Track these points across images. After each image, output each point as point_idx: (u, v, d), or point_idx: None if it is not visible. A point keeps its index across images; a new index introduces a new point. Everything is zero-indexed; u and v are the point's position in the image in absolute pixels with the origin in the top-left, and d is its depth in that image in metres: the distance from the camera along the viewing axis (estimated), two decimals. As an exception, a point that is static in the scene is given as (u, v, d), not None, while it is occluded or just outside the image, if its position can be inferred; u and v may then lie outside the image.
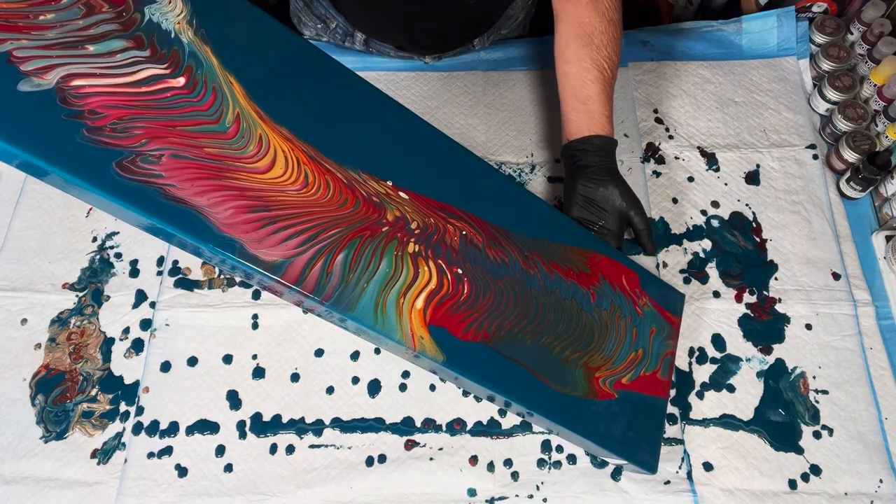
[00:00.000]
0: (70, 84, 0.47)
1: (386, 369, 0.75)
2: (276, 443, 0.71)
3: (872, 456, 0.71)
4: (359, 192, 0.57)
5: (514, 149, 0.89)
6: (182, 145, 0.50)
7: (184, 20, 0.53)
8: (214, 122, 0.52)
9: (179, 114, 0.51)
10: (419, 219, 0.60)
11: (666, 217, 0.84)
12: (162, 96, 0.50)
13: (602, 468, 0.70)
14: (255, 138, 0.54)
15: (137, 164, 0.48)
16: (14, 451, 0.71)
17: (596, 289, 0.68)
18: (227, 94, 0.53)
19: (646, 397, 0.67)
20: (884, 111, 0.86)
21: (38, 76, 0.46)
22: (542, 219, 0.69)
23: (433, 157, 0.65)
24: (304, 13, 0.93)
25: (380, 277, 0.56)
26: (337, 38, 0.94)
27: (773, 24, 0.94)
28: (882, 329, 0.77)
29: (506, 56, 0.96)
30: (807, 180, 0.86)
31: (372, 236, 0.57)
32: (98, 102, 0.48)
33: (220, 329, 0.77)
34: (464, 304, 0.59)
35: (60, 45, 0.47)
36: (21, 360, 0.75)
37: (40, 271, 0.80)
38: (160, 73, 0.51)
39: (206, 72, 0.53)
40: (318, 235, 0.54)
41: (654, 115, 0.91)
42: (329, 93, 0.60)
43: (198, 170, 0.50)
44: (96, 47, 0.49)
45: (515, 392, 0.60)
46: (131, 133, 0.48)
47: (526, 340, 0.62)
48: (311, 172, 0.56)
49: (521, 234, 0.66)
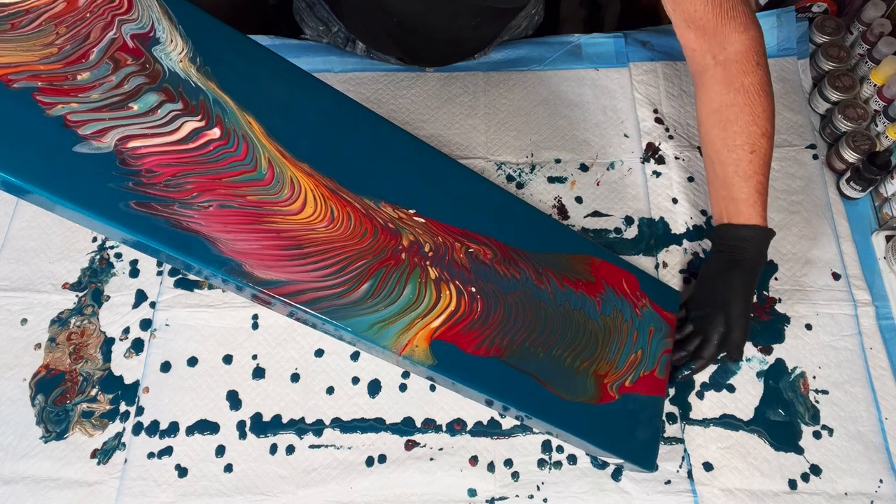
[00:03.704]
0: (127, 146, 0.50)
1: (386, 369, 0.75)
2: (276, 443, 0.71)
3: (872, 456, 0.71)
4: (376, 220, 0.60)
5: (514, 149, 0.89)
6: (228, 195, 0.54)
7: (185, 58, 0.55)
8: (252, 171, 0.55)
9: (222, 166, 0.54)
10: (430, 240, 0.62)
11: (666, 217, 0.84)
12: (205, 150, 0.54)
13: (603, 469, 0.70)
14: (287, 182, 0.56)
15: (176, 209, 0.52)
16: (14, 451, 0.71)
17: (602, 296, 0.69)
18: (255, 140, 0.56)
19: (645, 397, 0.67)
20: (884, 111, 0.86)
21: (95, 139, 0.49)
22: (548, 231, 0.71)
23: (448, 184, 0.67)
24: (306, 14, 0.93)
25: (402, 303, 0.58)
26: (338, 42, 0.94)
27: (772, 23, 0.94)
28: (882, 329, 0.77)
29: (506, 57, 0.96)
30: (807, 180, 0.86)
31: (396, 265, 0.59)
32: (154, 161, 0.51)
33: (220, 329, 0.77)
34: (477, 322, 0.61)
35: (108, 106, 0.50)
36: (21, 360, 0.75)
37: (40, 271, 0.80)
38: (198, 126, 0.54)
39: (230, 119, 0.55)
40: (345, 269, 0.57)
41: (654, 115, 0.91)
42: (338, 123, 0.62)
43: (243, 216, 0.54)
44: (138, 105, 0.52)
45: (518, 400, 0.61)
46: (183, 188, 0.52)
47: (538, 353, 0.63)
48: (336, 207, 0.58)
49: (534, 251, 0.67)
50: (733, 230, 0.70)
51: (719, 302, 0.69)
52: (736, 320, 0.68)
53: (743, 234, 0.69)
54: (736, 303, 0.68)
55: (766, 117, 0.68)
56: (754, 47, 0.68)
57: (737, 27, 0.67)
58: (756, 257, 0.69)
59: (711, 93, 0.69)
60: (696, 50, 0.70)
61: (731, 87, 0.67)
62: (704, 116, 0.71)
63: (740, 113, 0.67)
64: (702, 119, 0.72)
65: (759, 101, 0.67)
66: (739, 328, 0.68)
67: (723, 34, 0.67)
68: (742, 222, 0.69)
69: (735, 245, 0.70)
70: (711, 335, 0.69)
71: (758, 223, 0.69)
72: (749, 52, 0.67)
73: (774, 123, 0.69)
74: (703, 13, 0.66)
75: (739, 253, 0.69)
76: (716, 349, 0.69)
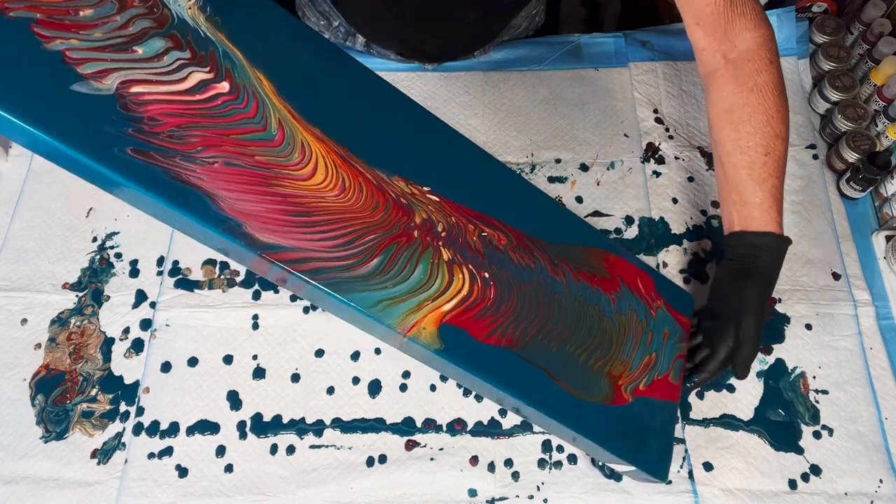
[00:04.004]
0: (129, 91, 0.48)
1: (386, 369, 0.75)
2: (276, 443, 0.71)
3: (872, 456, 0.71)
4: (389, 194, 0.57)
5: (514, 149, 0.89)
6: (235, 153, 0.51)
7: (195, 5, 0.53)
8: (262, 130, 0.53)
9: (231, 122, 0.51)
10: (443, 220, 0.59)
11: (666, 217, 0.84)
12: (213, 104, 0.51)
13: (606, 471, 0.70)
14: (298, 145, 0.54)
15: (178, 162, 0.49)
16: (14, 451, 0.71)
17: (617, 294, 0.67)
18: (266, 99, 0.54)
19: (659, 402, 0.65)
20: (884, 111, 0.86)
21: (96, 80, 0.47)
22: (564, 222, 0.68)
23: (465, 166, 0.64)
24: (307, 7, 0.93)
25: (412, 283, 0.55)
26: (339, 37, 0.94)
27: (772, 23, 0.93)
28: (882, 329, 0.77)
29: (506, 56, 0.96)
30: (807, 180, 0.86)
31: (408, 243, 0.56)
32: (157, 110, 0.49)
33: (221, 329, 0.76)
34: (490, 310, 0.58)
35: (110, 47, 0.48)
36: (21, 360, 0.75)
37: (40, 271, 0.80)
38: (206, 77, 0.51)
39: (240, 74, 0.53)
40: (355, 241, 0.54)
41: (654, 115, 0.91)
42: (352, 91, 0.59)
43: (249, 176, 0.51)
44: (143, 49, 0.49)
45: (529, 395, 0.58)
46: (188, 140, 0.49)
47: (552, 347, 0.60)
48: (348, 177, 0.56)
49: (550, 241, 0.65)
50: (746, 238, 0.65)
51: (730, 315, 0.66)
52: (746, 336, 0.64)
53: (756, 241, 0.65)
54: (748, 317, 0.64)
55: (781, 118, 0.64)
56: (766, 45, 0.65)
57: (747, 24, 0.64)
58: (771, 267, 0.65)
59: (722, 91, 0.66)
60: (705, 49, 0.67)
61: (744, 86, 0.64)
62: (715, 117, 0.67)
63: (753, 113, 0.64)
64: (712, 120, 0.68)
65: (773, 100, 0.64)
66: (749, 345, 0.64)
67: (733, 31, 0.65)
68: (755, 229, 0.65)
69: (747, 254, 0.65)
70: (719, 349, 0.66)
71: (773, 230, 0.64)
72: (761, 49, 0.64)
73: (789, 125, 0.65)
74: (712, 9, 0.64)
75: (752, 262, 0.65)
76: (721, 364, 0.66)
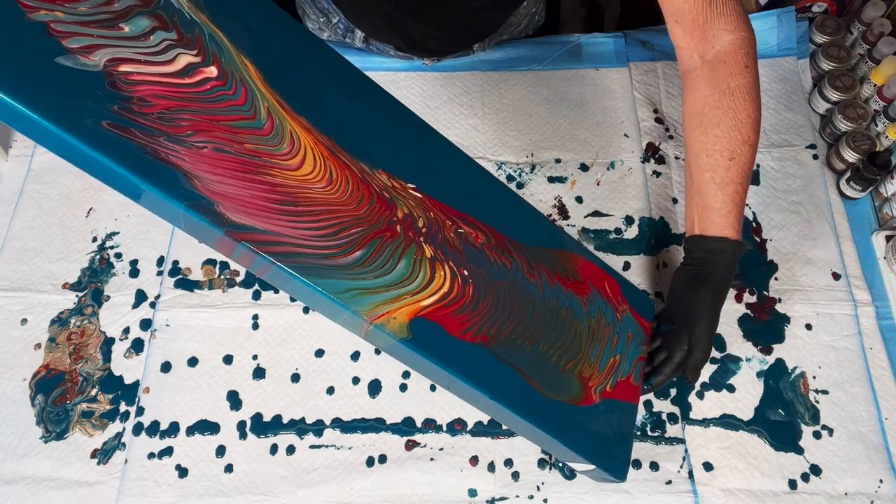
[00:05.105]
0: (118, 69, 0.47)
1: (386, 369, 0.75)
2: (276, 443, 0.71)
3: (872, 456, 0.71)
4: (373, 187, 0.57)
5: (514, 149, 0.89)
6: (226, 140, 0.50)
7: None
8: (251, 118, 0.52)
9: (220, 108, 0.51)
10: (423, 215, 0.60)
11: (666, 217, 0.84)
12: (203, 88, 0.50)
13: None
14: (287, 135, 0.54)
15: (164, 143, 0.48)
16: (14, 451, 0.71)
17: (588, 297, 0.68)
18: (253, 87, 0.53)
19: (622, 403, 0.66)
20: (884, 111, 0.86)
21: (83, 55, 0.45)
22: (539, 226, 0.69)
23: (447, 166, 0.64)
24: (308, 5, 0.93)
25: (393, 278, 0.55)
26: (338, 34, 0.94)
27: (773, 23, 0.94)
28: (882, 329, 0.77)
29: (506, 56, 0.96)
30: (807, 180, 0.86)
31: (392, 238, 0.56)
32: (147, 91, 0.48)
33: (221, 329, 0.77)
34: (467, 307, 0.58)
35: (96, 23, 0.47)
36: (21, 360, 0.75)
37: (40, 271, 0.80)
38: (194, 61, 0.51)
39: (227, 59, 0.52)
40: (340, 233, 0.54)
41: (654, 115, 0.91)
42: (338, 83, 0.60)
43: (238, 163, 0.51)
44: (130, 27, 0.48)
45: (500, 391, 0.58)
46: (178, 123, 0.48)
47: (525, 346, 0.61)
48: (335, 169, 0.55)
49: (528, 244, 0.65)
50: (703, 242, 0.65)
51: (684, 320, 0.66)
52: (697, 342, 0.65)
53: (712, 246, 0.65)
54: (700, 323, 0.65)
55: (750, 124, 0.63)
56: (744, 48, 0.64)
57: (725, 25, 0.64)
58: (725, 273, 0.65)
59: (696, 93, 0.66)
60: (683, 48, 0.67)
61: (717, 88, 0.64)
62: (687, 118, 0.67)
63: (723, 116, 0.63)
64: (685, 121, 0.68)
65: (744, 105, 0.63)
66: (700, 350, 0.65)
67: (711, 31, 0.64)
68: (713, 233, 0.65)
69: (704, 259, 0.66)
70: (675, 353, 0.67)
71: (729, 235, 0.64)
72: (738, 52, 0.64)
73: (759, 132, 0.65)
74: (690, 6, 0.64)
75: (707, 267, 0.65)
76: (676, 368, 0.67)
